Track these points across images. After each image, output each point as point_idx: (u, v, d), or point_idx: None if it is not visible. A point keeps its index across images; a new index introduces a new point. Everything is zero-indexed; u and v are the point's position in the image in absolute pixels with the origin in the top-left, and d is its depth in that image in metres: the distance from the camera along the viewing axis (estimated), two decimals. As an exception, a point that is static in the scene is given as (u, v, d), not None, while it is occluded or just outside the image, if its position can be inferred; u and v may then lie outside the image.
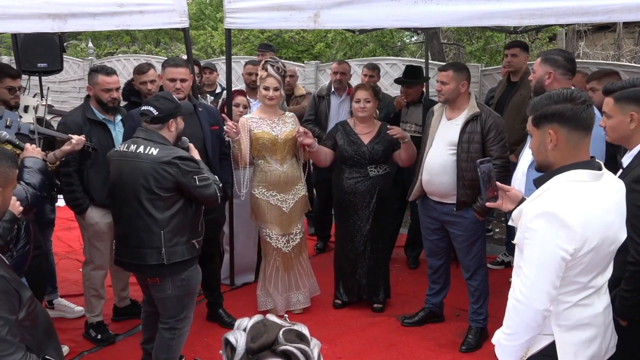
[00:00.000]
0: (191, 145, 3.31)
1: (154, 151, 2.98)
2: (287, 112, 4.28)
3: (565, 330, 1.93)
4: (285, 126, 4.10)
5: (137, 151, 3.00)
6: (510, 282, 2.07)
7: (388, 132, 3.97)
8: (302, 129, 4.04)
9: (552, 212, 1.82)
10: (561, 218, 1.80)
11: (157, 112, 3.03)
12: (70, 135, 3.43)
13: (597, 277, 1.94)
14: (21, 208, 2.50)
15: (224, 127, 3.91)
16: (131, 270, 3.26)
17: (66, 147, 3.39)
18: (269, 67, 3.99)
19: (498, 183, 2.25)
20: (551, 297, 1.87)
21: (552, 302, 1.88)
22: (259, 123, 4.06)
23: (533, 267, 1.87)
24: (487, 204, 2.27)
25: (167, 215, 3.01)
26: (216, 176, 3.21)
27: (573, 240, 1.81)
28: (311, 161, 4.38)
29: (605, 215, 1.89)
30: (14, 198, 2.45)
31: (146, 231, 3.00)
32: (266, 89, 4.00)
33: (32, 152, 2.95)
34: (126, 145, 3.09)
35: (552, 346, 1.95)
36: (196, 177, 3.00)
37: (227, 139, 3.99)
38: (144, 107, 3.09)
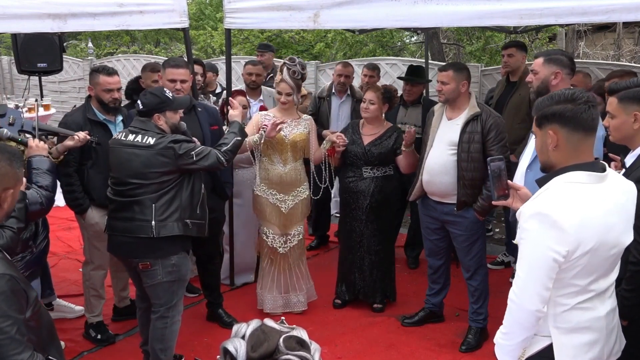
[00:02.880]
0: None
1: (151, 140, 3.10)
2: (304, 115, 4.25)
3: (563, 332, 1.92)
4: (297, 128, 4.09)
5: (135, 140, 3.12)
6: (510, 282, 2.07)
7: (404, 134, 3.97)
8: (333, 136, 4.06)
9: (545, 213, 1.82)
10: (554, 219, 1.80)
11: (141, 107, 3.18)
12: (73, 132, 3.47)
13: (599, 280, 1.92)
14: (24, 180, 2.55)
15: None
16: (121, 254, 3.27)
17: (69, 142, 3.43)
18: (285, 70, 3.99)
19: (509, 182, 2.23)
20: (543, 298, 1.87)
21: (545, 303, 1.88)
22: (272, 121, 4.04)
23: (525, 267, 1.88)
24: (496, 202, 2.25)
25: (160, 193, 3.12)
26: (220, 145, 3.31)
27: (566, 242, 1.80)
28: (331, 166, 4.24)
29: (605, 218, 1.86)
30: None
31: (138, 205, 3.10)
32: (279, 93, 4.04)
33: (37, 149, 2.96)
34: (124, 134, 3.21)
35: (550, 348, 1.94)
36: (192, 152, 3.12)
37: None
38: (137, 101, 3.24)
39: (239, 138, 3.40)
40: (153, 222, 3.07)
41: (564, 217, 1.79)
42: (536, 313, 1.87)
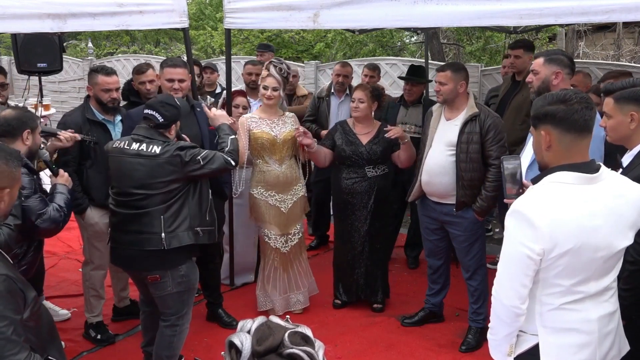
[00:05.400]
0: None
1: (157, 149, 3.02)
2: (287, 113, 4.28)
3: (550, 332, 1.93)
4: (285, 126, 4.10)
5: (140, 149, 3.04)
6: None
7: (386, 134, 3.96)
8: (301, 129, 4.05)
9: (521, 211, 1.85)
10: (528, 217, 1.82)
11: (162, 119, 3.07)
12: (61, 131, 3.44)
13: (589, 283, 1.90)
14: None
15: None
16: (128, 267, 3.25)
17: (56, 143, 3.41)
18: (271, 67, 4.00)
19: (525, 181, 2.22)
20: (519, 294, 1.88)
21: (522, 300, 1.89)
22: (259, 123, 4.06)
23: (503, 263, 1.93)
24: (509, 200, 2.24)
25: (168, 204, 3.05)
26: (221, 148, 3.26)
27: (541, 240, 1.81)
28: (312, 161, 4.38)
29: (588, 220, 1.84)
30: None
31: (146, 217, 3.03)
32: (265, 88, 4.02)
33: (63, 181, 2.99)
34: (126, 142, 3.10)
35: (539, 346, 1.95)
36: (199, 157, 3.04)
37: None
38: (149, 112, 3.09)
39: (233, 137, 3.35)
40: (163, 234, 3.01)
41: (538, 215, 1.81)
42: (513, 309, 1.90)
